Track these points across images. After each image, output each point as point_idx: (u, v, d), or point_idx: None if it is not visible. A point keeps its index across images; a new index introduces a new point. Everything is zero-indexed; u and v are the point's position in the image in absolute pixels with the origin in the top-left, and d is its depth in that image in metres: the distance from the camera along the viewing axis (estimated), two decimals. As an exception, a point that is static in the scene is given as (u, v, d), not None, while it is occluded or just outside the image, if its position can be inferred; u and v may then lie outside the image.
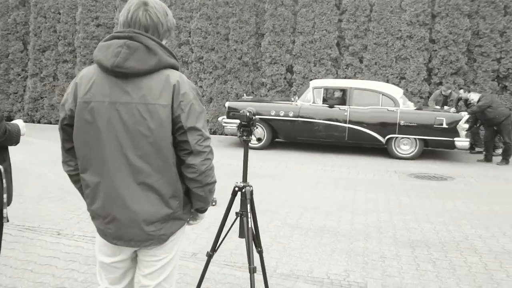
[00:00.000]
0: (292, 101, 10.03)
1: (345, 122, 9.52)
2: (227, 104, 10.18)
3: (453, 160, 9.72)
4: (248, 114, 2.68)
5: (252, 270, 2.65)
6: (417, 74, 11.34)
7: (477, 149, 10.51)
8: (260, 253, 2.90)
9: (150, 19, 1.84)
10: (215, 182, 1.95)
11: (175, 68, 1.86)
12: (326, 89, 10.13)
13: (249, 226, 2.67)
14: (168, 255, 1.98)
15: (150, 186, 1.83)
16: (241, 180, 2.80)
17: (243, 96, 11.47)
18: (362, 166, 8.59)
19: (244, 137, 2.75)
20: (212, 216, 5.00)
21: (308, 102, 9.75)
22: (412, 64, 11.34)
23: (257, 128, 2.60)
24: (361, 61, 11.92)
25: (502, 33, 10.98)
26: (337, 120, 9.56)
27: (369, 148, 10.34)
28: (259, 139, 2.78)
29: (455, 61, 11.13)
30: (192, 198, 1.96)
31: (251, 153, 9.40)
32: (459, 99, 10.27)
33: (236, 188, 2.78)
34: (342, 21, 11.96)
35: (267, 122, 9.83)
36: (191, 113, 1.83)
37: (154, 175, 1.82)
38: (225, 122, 10.14)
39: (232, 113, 9.96)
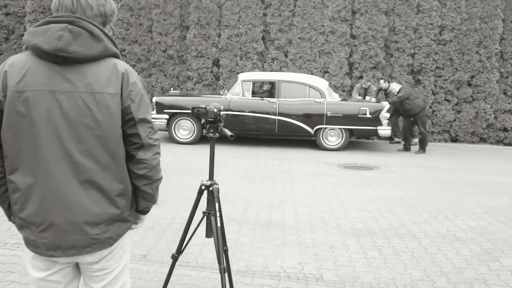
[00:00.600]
0: (221, 94, 9.98)
1: (274, 114, 9.64)
2: (154, 99, 9.89)
3: (376, 150, 10.22)
4: (215, 110, 2.61)
5: (223, 270, 2.59)
6: (340, 68, 11.76)
7: (396, 139, 11.14)
8: (226, 251, 2.85)
9: (77, 2, 1.68)
10: (162, 178, 1.83)
11: (117, 57, 1.72)
12: (255, 82, 10.19)
13: (219, 225, 2.60)
14: (119, 264, 1.81)
15: (95, 184, 1.65)
16: (207, 178, 2.73)
17: (170, 90, 11.21)
18: (294, 158, 8.76)
19: (211, 134, 2.67)
20: (156, 215, 4.88)
21: (237, 95, 9.74)
22: (335, 58, 11.74)
23: (223, 124, 2.51)
24: (286, 55, 12.12)
25: (416, 30, 11.68)
26: (266, 113, 9.65)
27: (298, 140, 10.57)
28: (231, 136, 2.68)
29: (374, 56, 11.68)
30: (137, 198, 1.81)
31: (180, 148, 9.23)
32: (380, 89, 10.80)
33: (203, 187, 2.70)
34: (267, 15, 12.07)
35: (196, 116, 9.66)
36: (142, 104, 1.71)
37: (100, 172, 1.66)
38: (153, 118, 9.83)
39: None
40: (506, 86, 11.75)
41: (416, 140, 10.60)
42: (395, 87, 9.99)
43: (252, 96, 9.82)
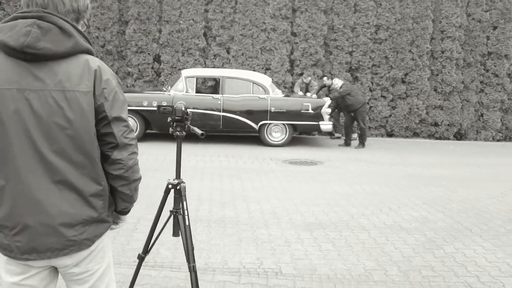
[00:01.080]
0: (165, 91, 9.84)
1: (219, 110, 9.64)
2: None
3: (318, 145, 10.50)
4: (183, 108, 2.58)
5: (192, 269, 2.59)
6: (281, 65, 11.94)
7: (336, 134, 11.49)
8: (192, 250, 2.83)
9: None
10: (140, 178, 1.79)
11: (90, 53, 1.67)
12: (198, 78, 10.13)
13: (187, 223, 2.59)
14: (101, 265, 1.77)
15: (69, 184, 1.60)
16: (174, 176, 2.70)
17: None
18: (240, 154, 8.81)
19: (178, 133, 2.65)
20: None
21: (181, 91, 9.65)
22: (276, 55, 11.91)
23: (189, 121, 2.47)
24: (228, 52, 12.13)
25: (353, 28, 12.09)
26: (211, 109, 9.63)
27: (243, 136, 10.64)
28: (202, 134, 2.66)
29: (314, 53, 11.97)
30: (115, 199, 1.77)
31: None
32: (323, 86, 11.08)
33: (170, 186, 2.67)
34: (209, 12, 12.02)
35: (139, 113, 9.50)
36: (116, 102, 1.65)
37: (74, 172, 1.60)
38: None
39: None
40: (436, 83, 12.45)
41: (355, 135, 10.99)
42: (337, 82, 10.29)
43: (196, 93, 9.76)
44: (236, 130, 9.97)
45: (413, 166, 8.44)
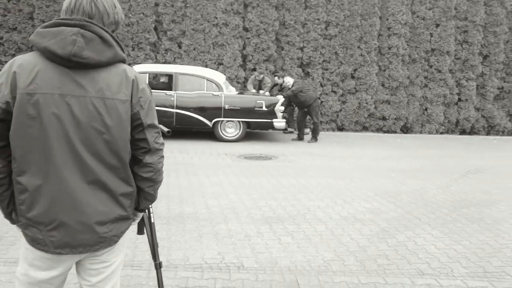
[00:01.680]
0: (116, 87, 9.63)
1: (172, 107, 9.56)
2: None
3: (272, 140, 10.63)
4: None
5: (158, 266, 2.59)
6: (234, 60, 11.97)
7: (289, 129, 11.67)
8: (156, 245, 2.83)
9: (96, 7, 1.71)
10: (162, 179, 1.93)
11: (125, 62, 1.76)
12: (151, 74, 9.99)
13: (152, 221, 2.58)
14: (118, 259, 1.89)
15: (102, 185, 1.71)
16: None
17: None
18: (194, 150, 8.78)
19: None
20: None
21: (133, 87, 9.46)
22: (229, 50, 11.92)
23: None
24: (180, 47, 12.03)
25: (304, 24, 12.29)
26: (164, 106, 9.53)
27: (195, 132, 10.59)
28: (168, 132, 2.64)
29: (266, 48, 12.07)
30: (139, 198, 1.88)
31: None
32: (275, 84, 11.20)
33: (134, 184, 2.65)
34: (159, 5, 11.85)
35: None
36: (150, 110, 1.77)
37: (107, 173, 1.71)
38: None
39: None
40: (384, 78, 12.88)
41: (308, 130, 11.20)
42: (288, 81, 10.43)
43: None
44: (190, 127, 9.92)
45: (363, 159, 8.72)
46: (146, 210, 2.60)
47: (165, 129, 2.60)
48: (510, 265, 3.93)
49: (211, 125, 9.78)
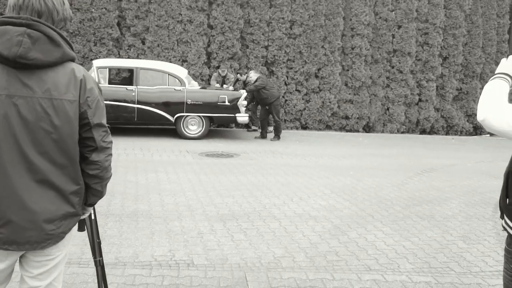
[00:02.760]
0: (75, 82, 9.44)
1: (133, 102, 9.44)
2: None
3: (234, 138, 10.63)
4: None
5: (98, 263, 2.55)
6: (198, 57, 11.90)
7: (253, 127, 11.70)
8: (99, 244, 2.79)
9: (45, 4, 1.70)
10: (111, 175, 1.98)
11: (74, 61, 1.79)
12: (111, 69, 9.85)
13: (93, 217, 2.55)
14: (62, 253, 1.92)
15: (51, 183, 1.74)
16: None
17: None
18: (155, 147, 8.70)
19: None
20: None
21: (93, 83, 9.30)
22: (193, 47, 11.84)
23: None
24: (143, 43, 11.88)
25: (269, 23, 12.33)
26: (125, 101, 9.41)
27: (159, 129, 10.50)
28: None
29: (231, 46, 12.05)
30: (87, 194, 1.93)
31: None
32: (237, 79, 11.20)
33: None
34: (122, 0, 11.68)
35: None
36: (98, 109, 1.81)
37: (56, 172, 1.74)
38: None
39: None
40: (347, 78, 13.06)
41: (271, 128, 11.26)
42: (252, 75, 10.45)
43: (109, 84, 9.47)
44: (152, 123, 9.83)
45: (324, 158, 8.83)
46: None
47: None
48: (455, 260, 4.05)
49: (173, 120, 9.70)
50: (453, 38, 13.76)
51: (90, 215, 2.56)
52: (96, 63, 9.51)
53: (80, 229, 2.63)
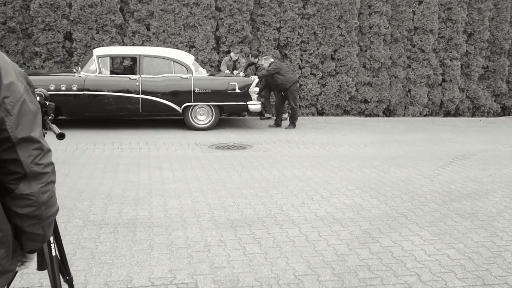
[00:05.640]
0: (75, 72, 8.84)
1: (137, 92, 8.81)
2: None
3: (247, 127, 9.97)
4: (38, 98, 1.88)
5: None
6: (206, 42, 11.20)
7: (266, 115, 11.01)
8: (70, 281, 2.18)
9: None
10: (58, 210, 1.39)
11: None
12: (113, 58, 9.23)
13: (54, 254, 1.93)
14: None
15: None
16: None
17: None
18: (162, 140, 8.09)
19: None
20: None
21: (94, 73, 8.70)
22: (201, 32, 11.14)
23: (51, 117, 1.94)
24: (148, 29, 11.21)
25: (280, 3, 11.54)
26: (128, 91, 8.78)
27: (165, 120, 9.89)
28: (60, 135, 1.93)
29: (240, 29, 11.32)
30: (21, 240, 1.33)
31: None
32: (250, 63, 10.52)
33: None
34: (124, -16, 11.01)
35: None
36: (23, 116, 1.22)
37: None
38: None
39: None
40: (365, 59, 12.25)
41: (286, 115, 10.57)
42: (264, 63, 9.74)
43: (111, 74, 8.86)
44: (158, 114, 9.21)
45: (344, 146, 8.13)
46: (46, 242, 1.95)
47: (57, 131, 1.91)
48: (512, 273, 3.37)
49: (180, 111, 9.06)
50: (478, 13, 12.81)
51: (50, 251, 1.94)
52: (97, 51, 8.89)
53: (40, 268, 2.01)
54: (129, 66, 9.39)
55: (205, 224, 4.18)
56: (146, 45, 10.98)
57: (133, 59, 9.08)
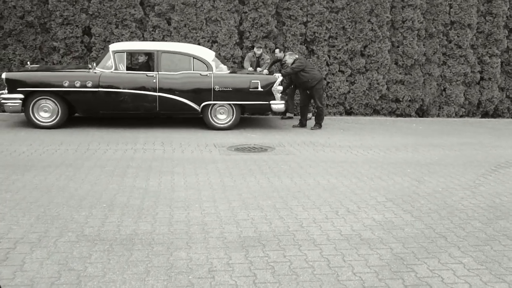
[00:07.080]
0: (90, 68, 8.46)
1: (155, 90, 8.37)
2: (3, 75, 8.13)
3: (270, 127, 9.43)
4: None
5: None
6: (229, 37, 10.70)
7: (288, 114, 10.45)
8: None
9: None
10: None
11: None
12: (130, 53, 8.83)
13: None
14: None
15: None
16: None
17: (27, 64, 9.31)
18: (179, 141, 7.63)
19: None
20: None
21: (109, 69, 8.31)
22: (224, 26, 10.64)
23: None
24: (169, 23, 10.77)
25: (307, -4, 10.93)
26: (145, 89, 8.35)
27: (185, 119, 9.45)
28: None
29: (265, 24, 10.77)
30: None
31: (40, 134, 7.67)
32: (275, 60, 9.99)
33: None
34: (145, -23, 10.60)
35: (59, 95, 8.12)
36: None
37: None
38: (4, 99, 8.10)
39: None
40: (397, 56, 11.54)
41: (311, 115, 9.99)
42: (288, 58, 9.18)
43: (127, 70, 8.45)
44: (176, 113, 8.78)
45: (374, 150, 7.50)
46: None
47: None
48: None
49: (199, 110, 8.59)
50: (521, 6, 11.92)
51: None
52: (113, 47, 8.50)
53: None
54: (145, 62, 8.94)
55: (212, 242, 3.67)
56: (166, 40, 10.56)
57: (150, 55, 8.65)
